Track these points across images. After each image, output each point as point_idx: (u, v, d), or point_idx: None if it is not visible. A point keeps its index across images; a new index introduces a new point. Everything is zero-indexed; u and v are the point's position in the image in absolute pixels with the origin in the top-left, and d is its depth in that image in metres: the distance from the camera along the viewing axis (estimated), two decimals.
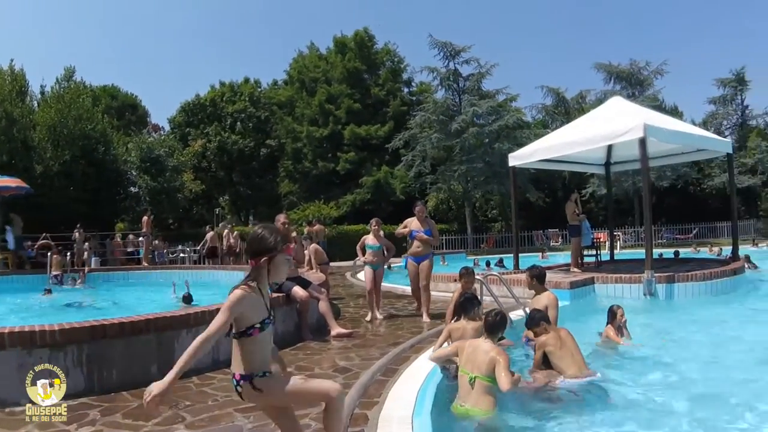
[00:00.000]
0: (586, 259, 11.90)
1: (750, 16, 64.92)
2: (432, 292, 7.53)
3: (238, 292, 2.22)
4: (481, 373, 3.65)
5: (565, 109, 33.54)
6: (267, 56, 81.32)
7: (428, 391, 3.87)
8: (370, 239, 7.45)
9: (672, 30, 70.32)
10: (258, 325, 2.25)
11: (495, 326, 3.97)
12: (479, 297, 5.65)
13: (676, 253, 16.05)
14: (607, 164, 13.66)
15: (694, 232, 27.49)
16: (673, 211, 29.15)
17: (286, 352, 5.30)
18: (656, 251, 14.96)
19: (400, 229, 7.68)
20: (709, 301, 8.46)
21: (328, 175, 33.96)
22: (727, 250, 14.91)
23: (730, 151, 11.97)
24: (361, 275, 11.68)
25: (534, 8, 77.17)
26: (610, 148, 12.54)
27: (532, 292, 5.95)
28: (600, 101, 25.16)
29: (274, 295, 5.81)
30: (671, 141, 10.23)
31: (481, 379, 3.64)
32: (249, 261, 2.34)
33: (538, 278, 5.81)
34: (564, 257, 15.67)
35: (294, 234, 8.12)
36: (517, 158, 11.61)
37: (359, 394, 3.87)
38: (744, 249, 15.75)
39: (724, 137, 31.42)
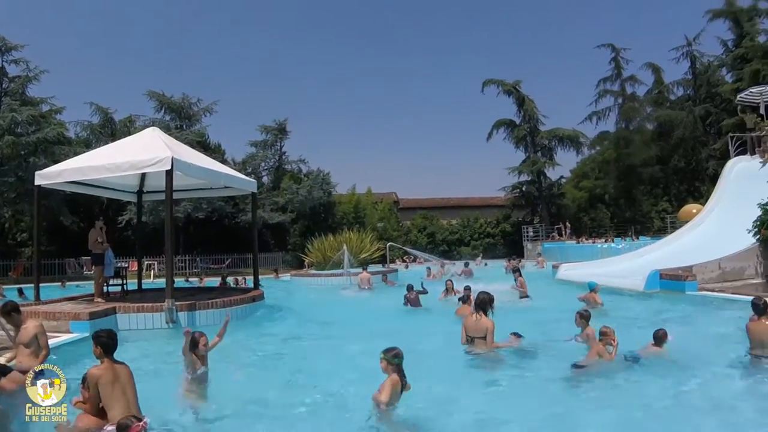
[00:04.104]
0: (113, 289, 11.97)
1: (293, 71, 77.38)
2: None
3: None
4: None
5: (112, 131, 31.60)
6: None
7: None
8: None
9: (228, 75, 76.47)
10: None
11: None
12: None
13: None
14: (140, 192, 13.70)
15: (227, 262, 29.28)
16: (209, 242, 30.47)
17: None
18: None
19: None
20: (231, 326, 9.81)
21: None
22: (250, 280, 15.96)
23: (255, 191, 13.28)
24: None
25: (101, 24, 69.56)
26: (143, 176, 12.59)
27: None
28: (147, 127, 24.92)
29: None
30: (198, 176, 10.70)
31: None
32: None
33: (13, 311, 5.80)
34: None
35: None
36: (45, 177, 10.57)
37: None
38: (265, 278, 18.21)
39: (261, 178, 35.22)
